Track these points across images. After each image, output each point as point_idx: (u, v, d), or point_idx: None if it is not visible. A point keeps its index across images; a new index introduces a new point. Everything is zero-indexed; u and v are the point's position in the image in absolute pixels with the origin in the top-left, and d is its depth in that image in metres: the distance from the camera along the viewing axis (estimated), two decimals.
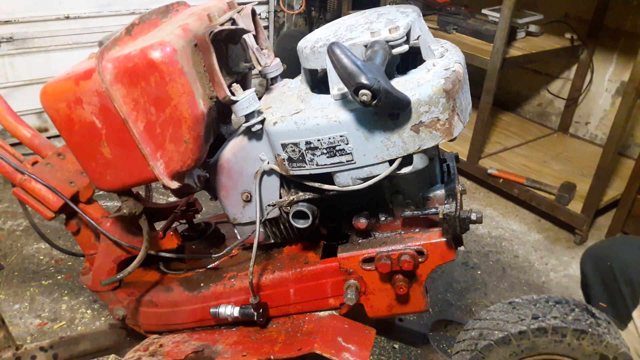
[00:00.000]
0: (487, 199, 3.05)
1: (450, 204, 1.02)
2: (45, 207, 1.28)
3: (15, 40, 3.10)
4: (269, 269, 1.23)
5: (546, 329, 1.08)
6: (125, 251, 1.32)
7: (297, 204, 1.09)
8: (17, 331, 2.00)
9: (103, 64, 0.98)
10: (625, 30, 3.01)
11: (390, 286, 1.12)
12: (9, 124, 1.35)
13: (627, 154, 3.14)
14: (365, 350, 1.09)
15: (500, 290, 2.33)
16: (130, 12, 3.44)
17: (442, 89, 0.90)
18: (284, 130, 0.99)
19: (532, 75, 3.59)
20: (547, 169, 3.00)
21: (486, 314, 1.18)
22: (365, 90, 0.80)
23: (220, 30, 1.02)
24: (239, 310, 1.21)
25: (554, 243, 2.66)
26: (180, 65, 0.97)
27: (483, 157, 3.10)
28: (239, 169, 1.13)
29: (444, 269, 2.41)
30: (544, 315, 1.10)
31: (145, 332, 1.40)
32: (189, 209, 1.45)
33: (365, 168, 0.98)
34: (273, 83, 1.23)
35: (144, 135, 1.02)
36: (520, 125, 3.55)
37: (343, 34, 0.98)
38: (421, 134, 0.93)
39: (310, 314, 1.23)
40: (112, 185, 1.11)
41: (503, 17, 2.59)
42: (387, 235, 1.13)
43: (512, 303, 1.17)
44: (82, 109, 1.02)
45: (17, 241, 2.52)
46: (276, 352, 1.12)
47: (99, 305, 2.15)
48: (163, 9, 1.20)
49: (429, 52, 1.01)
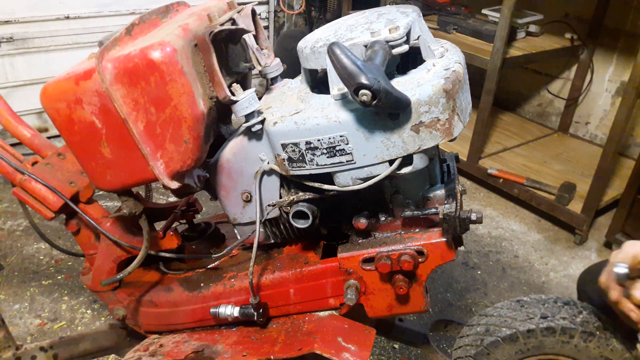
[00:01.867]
0: (487, 199, 3.05)
1: (450, 204, 1.02)
2: (45, 207, 1.28)
3: (15, 40, 3.10)
4: (269, 269, 1.23)
5: (555, 329, 1.08)
6: (125, 251, 1.32)
7: (297, 204, 1.09)
8: (17, 331, 2.00)
9: (103, 64, 0.98)
10: (625, 30, 3.01)
11: (390, 286, 1.11)
12: (9, 124, 1.35)
13: (627, 154, 3.14)
14: (365, 350, 1.09)
15: (500, 290, 2.32)
16: (130, 12, 3.44)
17: (442, 89, 0.90)
18: (284, 130, 0.99)
19: (532, 75, 3.59)
20: (547, 169, 3.00)
21: (493, 310, 1.18)
22: (365, 90, 0.80)
23: (220, 30, 1.02)
24: (239, 310, 1.21)
25: (554, 243, 2.66)
26: (180, 65, 0.97)
27: (483, 157, 3.09)
28: (239, 169, 1.13)
29: (444, 269, 2.41)
30: (553, 315, 1.10)
31: (145, 332, 1.40)
32: (189, 209, 1.45)
33: (365, 168, 0.98)
34: (273, 83, 1.23)
35: (144, 135, 1.02)
36: (520, 125, 3.55)
37: (343, 34, 0.98)
38: (421, 134, 0.92)
39: (310, 314, 1.23)
40: (112, 185, 1.11)
41: (503, 17, 2.59)
42: (387, 235, 1.13)
43: (520, 301, 1.16)
44: (82, 109, 1.02)
45: (17, 241, 2.52)
46: (276, 352, 1.12)
47: (99, 305, 2.15)
48: (163, 9, 1.20)
49: (429, 52, 1.01)
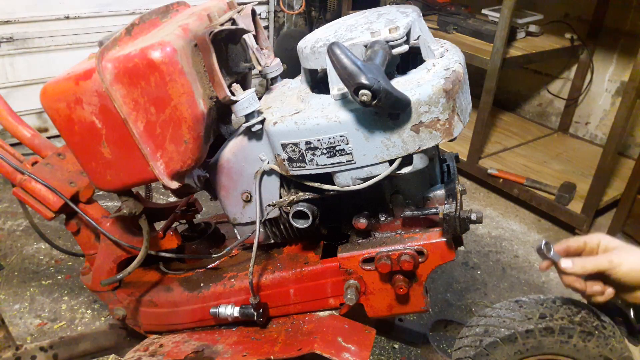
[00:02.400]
0: (487, 199, 3.05)
1: (450, 204, 1.02)
2: (45, 207, 1.28)
3: (15, 40, 3.10)
4: (269, 269, 1.23)
5: (553, 329, 1.07)
6: (125, 251, 1.32)
7: (297, 204, 1.09)
8: (17, 331, 2.00)
9: (103, 64, 0.98)
10: (625, 30, 3.01)
11: (390, 286, 1.11)
12: (9, 124, 1.35)
13: (627, 154, 3.14)
14: (365, 350, 1.09)
15: (500, 290, 2.33)
16: (130, 12, 3.44)
17: (442, 89, 0.90)
18: (284, 130, 0.99)
19: (532, 75, 3.59)
20: (547, 169, 3.00)
21: (491, 311, 1.17)
22: (365, 90, 0.80)
23: (220, 30, 1.02)
24: (239, 310, 1.20)
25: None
26: (180, 66, 0.97)
27: (483, 157, 3.10)
28: (239, 169, 1.13)
29: (444, 269, 2.41)
30: (551, 315, 1.10)
31: (145, 332, 1.40)
32: (189, 209, 1.45)
33: (365, 168, 0.98)
34: (273, 83, 1.23)
35: (144, 136, 1.02)
36: (520, 125, 3.55)
37: (343, 34, 0.98)
38: (421, 134, 0.92)
39: (310, 314, 1.23)
40: (112, 185, 1.11)
41: (503, 17, 2.59)
42: (387, 235, 1.13)
43: (518, 302, 1.16)
44: (82, 109, 1.02)
45: (17, 241, 2.52)
46: (276, 352, 1.12)
47: (99, 305, 2.15)
48: (163, 9, 1.20)
49: (429, 52, 1.01)
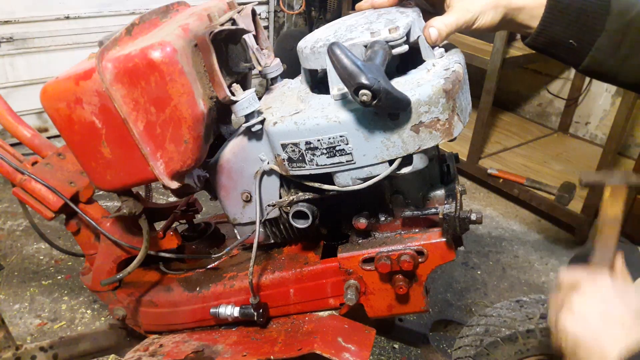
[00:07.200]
0: (487, 199, 3.05)
1: (450, 204, 1.02)
2: (45, 207, 1.28)
3: (15, 40, 3.10)
4: (269, 269, 1.23)
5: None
6: (125, 251, 1.32)
7: (297, 204, 1.09)
8: (17, 331, 2.00)
9: (103, 64, 0.98)
10: None
11: (390, 286, 1.11)
12: (9, 124, 1.35)
13: (627, 154, 3.14)
14: (365, 350, 1.09)
15: (500, 290, 2.33)
16: (130, 12, 3.45)
17: (442, 89, 0.90)
18: (284, 130, 0.99)
19: (532, 75, 3.59)
20: (547, 169, 3.00)
21: (492, 311, 1.17)
22: (365, 90, 0.80)
23: (220, 30, 1.02)
24: (239, 310, 1.20)
25: (554, 243, 2.66)
26: (180, 65, 0.97)
27: (483, 157, 3.10)
28: (239, 169, 1.13)
29: (444, 269, 2.41)
30: None
31: (145, 332, 1.40)
32: (189, 209, 1.45)
33: (365, 168, 0.98)
34: (273, 83, 1.23)
35: (144, 135, 1.02)
36: (520, 125, 3.55)
37: (343, 34, 0.98)
38: (421, 134, 0.92)
39: (310, 314, 1.23)
40: (112, 185, 1.11)
41: None
42: (387, 235, 1.13)
43: (519, 301, 1.16)
44: (82, 109, 1.02)
45: (17, 241, 2.52)
46: (276, 352, 1.12)
47: (99, 305, 2.15)
48: (163, 9, 1.20)
49: (428, 52, 1.01)
